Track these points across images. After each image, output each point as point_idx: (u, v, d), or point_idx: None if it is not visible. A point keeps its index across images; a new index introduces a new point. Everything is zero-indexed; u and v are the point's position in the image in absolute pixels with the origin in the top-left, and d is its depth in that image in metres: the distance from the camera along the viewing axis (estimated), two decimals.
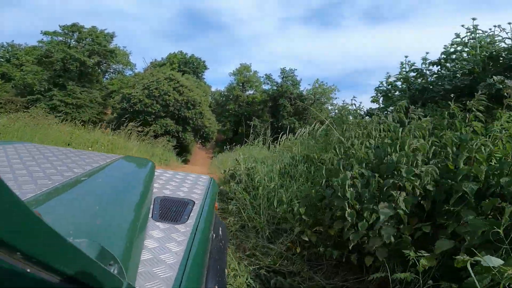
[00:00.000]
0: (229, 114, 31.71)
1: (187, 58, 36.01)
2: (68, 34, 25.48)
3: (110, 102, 26.34)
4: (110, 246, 0.72)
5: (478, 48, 3.87)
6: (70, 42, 25.67)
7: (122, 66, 29.79)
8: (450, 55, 4.18)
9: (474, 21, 4.03)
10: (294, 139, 5.53)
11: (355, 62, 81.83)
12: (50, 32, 24.92)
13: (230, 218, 3.59)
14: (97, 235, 0.74)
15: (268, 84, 32.87)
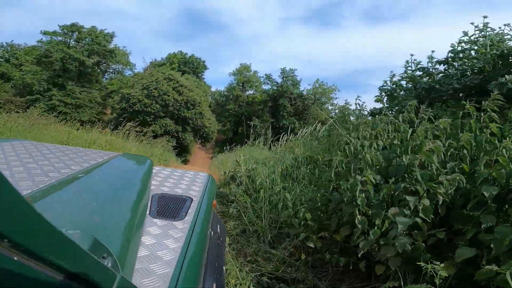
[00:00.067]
0: (229, 114, 31.57)
1: (187, 58, 35.89)
2: (67, 34, 25.39)
3: (109, 102, 26.22)
4: (106, 241, 0.70)
5: (488, 46, 3.76)
6: (70, 42, 25.57)
7: (121, 66, 29.68)
8: (458, 54, 4.06)
9: (485, 19, 3.91)
10: (296, 140, 5.39)
11: (355, 62, 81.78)
12: (49, 32, 24.83)
13: (231, 221, 3.47)
14: (93, 231, 0.72)
15: (268, 84, 32.78)
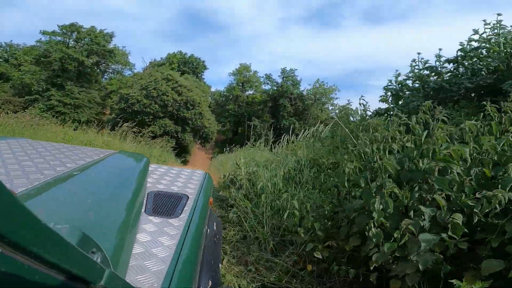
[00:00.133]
0: (228, 114, 31.39)
1: (187, 58, 35.72)
2: (66, 34, 25.24)
3: (108, 103, 26.05)
4: (98, 237, 0.70)
5: (502, 44, 3.59)
6: (69, 42, 25.41)
7: (121, 66, 29.49)
8: (470, 52, 3.89)
9: (499, 16, 3.74)
10: (298, 141, 5.21)
11: (355, 62, 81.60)
12: (48, 32, 24.68)
13: (230, 227, 3.32)
14: (84, 227, 0.71)
15: (268, 84, 32.59)
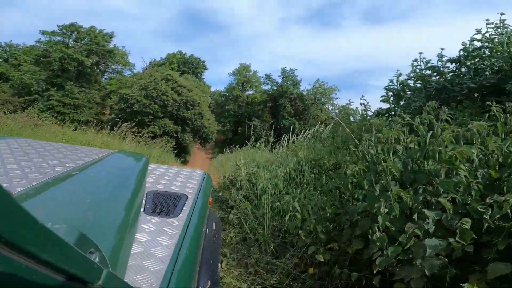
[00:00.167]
0: (228, 114, 31.34)
1: (186, 58, 35.67)
2: (66, 34, 25.21)
3: (108, 103, 26.00)
4: (96, 237, 0.69)
5: (506, 44, 3.55)
6: (68, 42, 25.37)
7: (121, 66, 29.45)
8: (473, 52, 3.84)
9: (502, 16, 3.69)
10: (299, 142, 5.17)
11: (355, 62, 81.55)
12: (48, 32, 24.65)
13: (230, 229, 3.27)
14: (83, 227, 0.71)
15: (268, 84, 32.53)
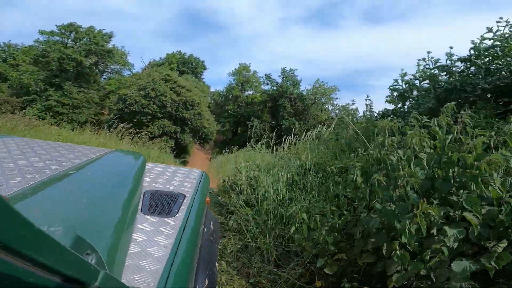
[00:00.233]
0: (228, 114, 31.16)
1: (186, 58, 35.48)
2: (65, 33, 25.06)
3: (107, 103, 25.84)
4: (93, 238, 0.69)
5: None
6: (67, 42, 25.21)
7: (120, 66, 29.29)
8: (485, 51, 3.69)
9: None
10: (301, 143, 5.01)
11: (355, 62, 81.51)
12: (46, 31, 24.52)
13: (230, 235, 3.13)
14: (79, 228, 0.71)
15: (268, 84, 32.35)
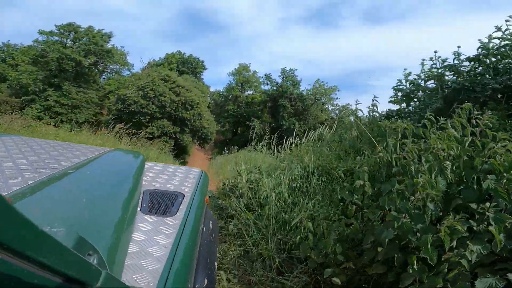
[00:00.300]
0: (228, 114, 31.03)
1: (185, 58, 35.34)
2: (64, 33, 24.96)
3: (106, 103, 25.73)
4: (93, 238, 0.69)
5: None
6: (66, 42, 25.12)
7: (119, 66, 29.18)
8: (496, 50, 3.57)
9: None
10: (303, 145, 4.89)
11: (355, 62, 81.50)
12: (45, 31, 24.42)
13: (231, 241, 3.01)
14: (80, 228, 0.70)
15: (267, 84, 32.22)
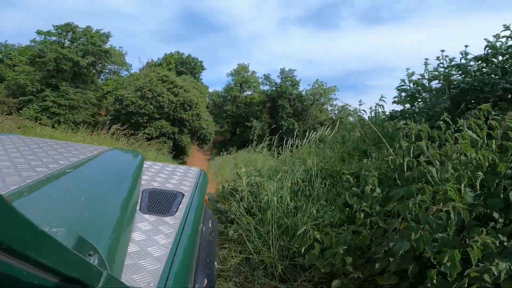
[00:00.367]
0: (226, 115, 30.90)
1: (184, 59, 35.18)
2: (61, 34, 24.81)
3: (104, 103, 25.58)
4: (93, 238, 0.69)
5: None
6: (64, 42, 24.96)
7: (117, 67, 29.03)
8: (507, 49, 3.46)
9: None
10: (305, 146, 4.77)
11: (354, 62, 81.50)
12: (43, 31, 24.25)
13: (231, 246, 2.90)
14: (79, 228, 0.70)
15: (266, 84, 32.11)
